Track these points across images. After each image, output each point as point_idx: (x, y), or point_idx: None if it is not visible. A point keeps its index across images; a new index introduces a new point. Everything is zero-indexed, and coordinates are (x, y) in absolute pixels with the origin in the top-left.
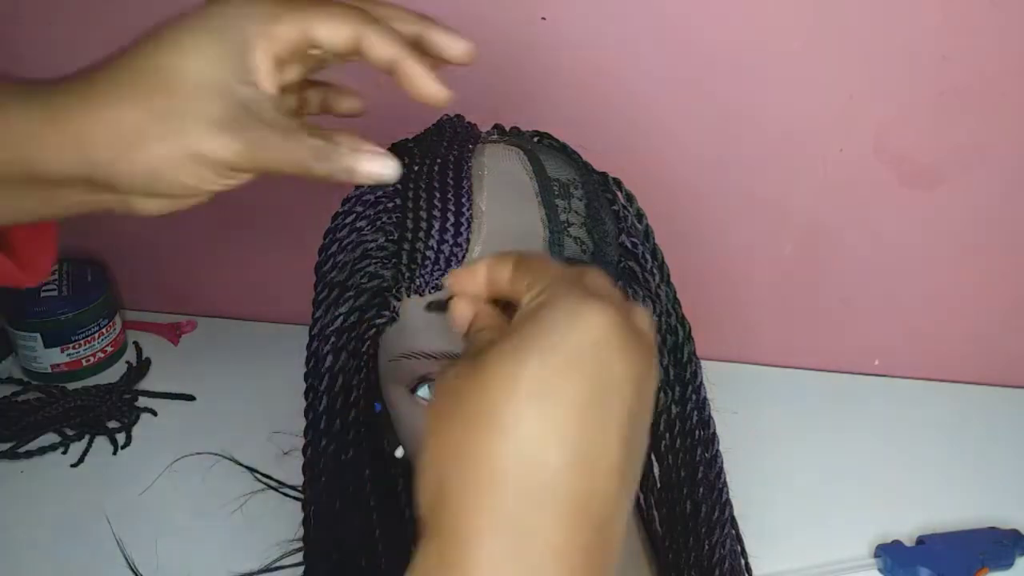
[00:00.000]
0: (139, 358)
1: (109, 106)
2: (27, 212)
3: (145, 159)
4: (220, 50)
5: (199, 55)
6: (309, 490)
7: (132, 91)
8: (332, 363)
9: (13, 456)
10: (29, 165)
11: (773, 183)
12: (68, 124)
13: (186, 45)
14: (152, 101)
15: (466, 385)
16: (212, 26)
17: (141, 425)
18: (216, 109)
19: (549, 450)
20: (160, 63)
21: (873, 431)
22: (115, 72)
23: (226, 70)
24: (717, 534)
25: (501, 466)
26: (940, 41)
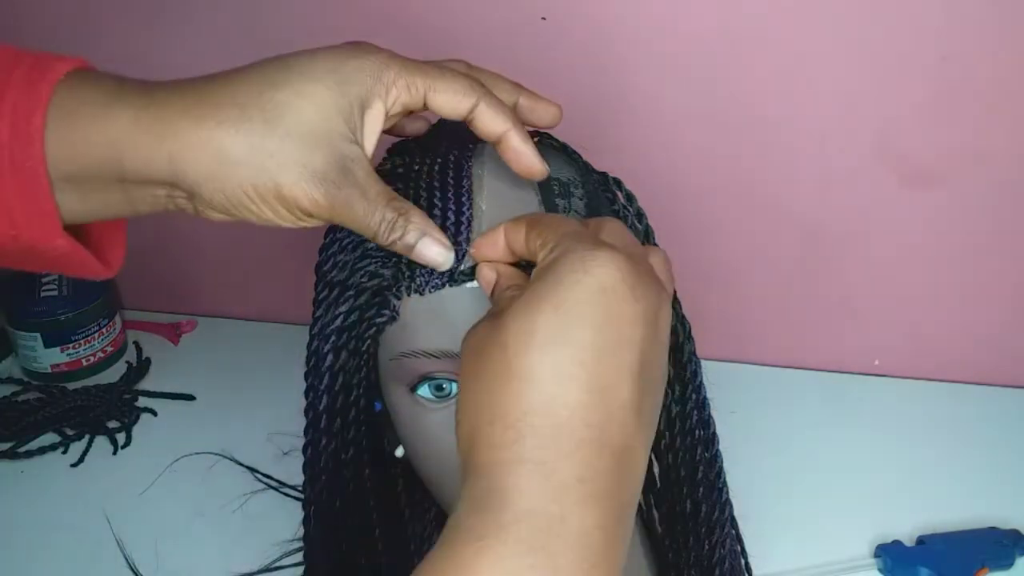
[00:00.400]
0: (139, 358)
1: (210, 128)
2: (112, 209)
3: (235, 188)
4: (338, 104)
5: (316, 104)
6: (309, 489)
7: (239, 120)
8: (332, 362)
9: (13, 456)
10: (121, 165)
11: (773, 183)
12: (164, 135)
13: (306, 91)
14: (259, 137)
15: (488, 342)
16: (337, 78)
17: (141, 425)
18: (318, 162)
19: (564, 391)
20: (277, 101)
21: (873, 431)
22: (224, 95)
23: (338, 125)
24: (717, 534)
25: (521, 409)
26: (940, 41)
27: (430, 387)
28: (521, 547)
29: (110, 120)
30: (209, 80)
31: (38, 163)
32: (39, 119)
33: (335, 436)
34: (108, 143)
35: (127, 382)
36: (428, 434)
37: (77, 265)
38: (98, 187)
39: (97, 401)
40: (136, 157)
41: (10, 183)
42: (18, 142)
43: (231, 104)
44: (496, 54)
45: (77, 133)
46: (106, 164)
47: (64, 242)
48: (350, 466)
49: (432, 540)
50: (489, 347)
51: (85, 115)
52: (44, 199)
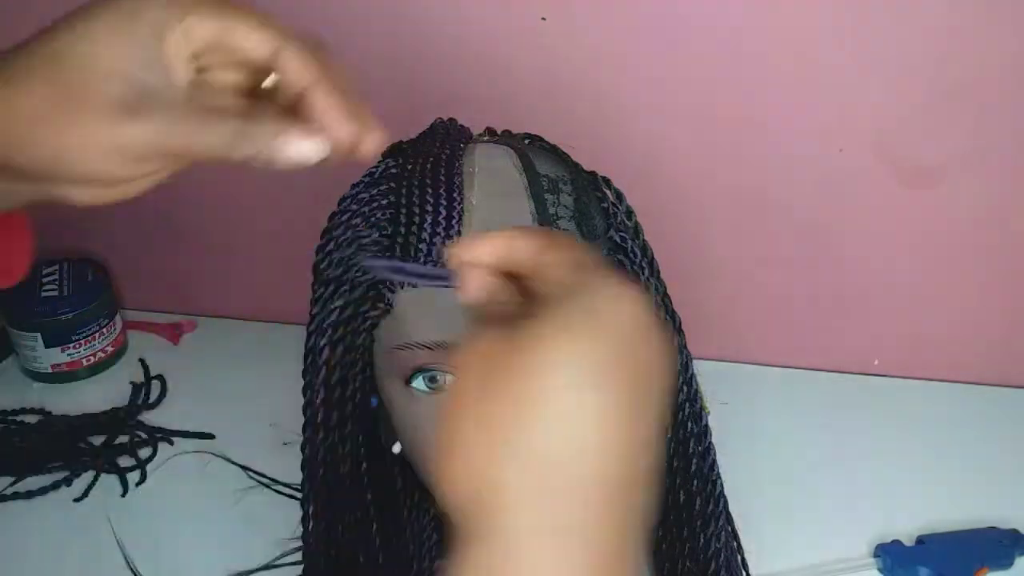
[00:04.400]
0: (146, 376)
1: (11, 91)
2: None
3: (46, 143)
4: (129, 39)
5: (107, 43)
6: (308, 487)
7: (36, 76)
8: (329, 356)
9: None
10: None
11: (773, 183)
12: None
13: (95, 33)
14: (54, 86)
15: (507, 363)
16: (123, 16)
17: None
18: (118, 93)
19: (598, 439)
20: (67, 49)
21: (873, 431)
22: (20, 58)
23: (133, 58)
24: (712, 527)
25: (558, 460)
26: (940, 41)
27: (424, 379)
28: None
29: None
30: (19, 46)
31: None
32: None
33: (333, 430)
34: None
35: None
36: (423, 426)
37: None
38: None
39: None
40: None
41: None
42: None
43: (28, 66)
44: (496, 54)
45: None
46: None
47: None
48: (347, 461)
49: (431, 541)
50: (508, 367)
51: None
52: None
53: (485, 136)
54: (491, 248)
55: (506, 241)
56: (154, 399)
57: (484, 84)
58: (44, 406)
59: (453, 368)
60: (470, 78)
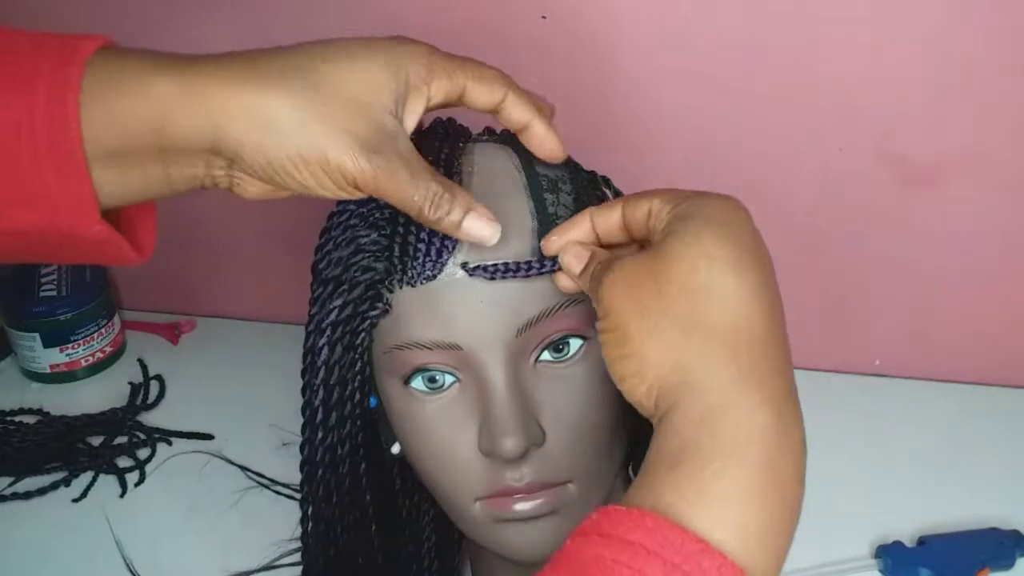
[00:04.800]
0: (145, 376)
1: (256, 94)
2: (150, 188)
3: (278, 154)
4: (384, 82)
5: (365, 79)
6: (306, 487)
7: (287, 88)
8: (328, 356)
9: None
10: (163, 133)
11: (773, 183)
12: (208, 100)
13: (357, 67)
14: (306, 104)
15: (661, 272)
16: (388, 59)
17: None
18: (362, 129)
19: (758, 307)
20: (325, 72)
21: (873, 431)
22: (272, 66)
23: (383, 99)
24: None
25: (732, 325)
26: (940, 41)
27: (423, 379)
28: (758, 468)
29: (152, 88)
30: (258, 52)
31: (75, 145)
32: (73, 101)
33: (331, 431)
34: (150, 110)
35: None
36: (422, 426)
37: (112, 252)
38: (138, 161)
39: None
40: (179, 123)
41: (48, 168)
42: (55, 125)
43: (280, 74)
44: (496, 53)
45: (117, 103)
46: (148, 133)
47: (101, 227)
48: (346, 462)
49: (430, 542)
50: (665, 276)
51: (125, 85)
52: (82, 183)
53: (484, 135)
54: (578, 228)
55: (591, 220)
56: (153, 399)
57: None
58: (43, 406)
59: (604, 290)
60: None
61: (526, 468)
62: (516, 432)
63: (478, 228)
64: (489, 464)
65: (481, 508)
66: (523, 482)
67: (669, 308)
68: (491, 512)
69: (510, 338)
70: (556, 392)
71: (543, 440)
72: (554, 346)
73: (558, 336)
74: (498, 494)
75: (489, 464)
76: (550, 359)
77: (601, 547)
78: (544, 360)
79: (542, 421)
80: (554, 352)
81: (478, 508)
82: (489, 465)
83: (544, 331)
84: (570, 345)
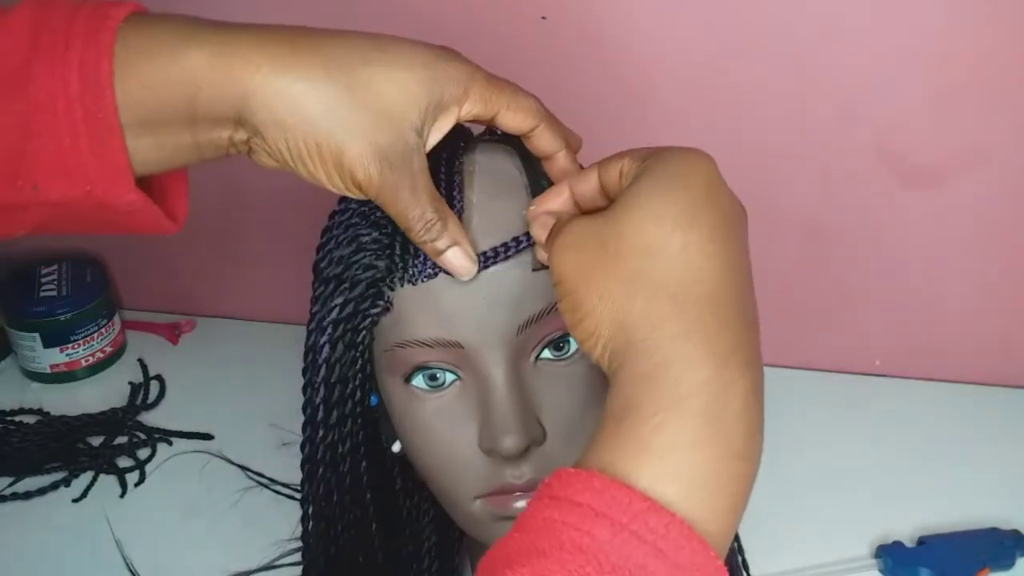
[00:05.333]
0: (145, 376)
1: (291, 80)
2: (181, 155)
3: (299, 142)
4: (420, 97)
5: (402, 91)
6: (307, 486)
7: (324, 81)
8: (329, 354)
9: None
10: (195, 102)
11: (773, 183)
12: (242, 75)
13: (395, 78)
14: (338, 103)
15: (612, 231)
16: (429, 74)
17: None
18: (384, 140)
19: (709, 265)
20: (365, 76)
21: (873, 431)
22: (313, 54)
23: (412, 115)
24: None
25: (678, 282)
26: (940, 41)
27: (424, 377)
28: (700, 419)
29: (186, 57)
30: (297, 31)
31: (110, 113)
32: (107, 67)
33: (332, 428)
34: (184, 79)
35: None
36: (423, 424)
37: (146, 220)
38: (170, 130)
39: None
40: (210, 95)
41: (84, 137)
42: (89, 94)
43: (320, 65)
44: (496, 54)
45: (151, 75)
46: (180, 102)
47: (136, 196)
48: (347, 460)
49: (430, 542)
50: (616, 235)
51: (160, 53)
52: (117, 151)
53: (486, 135)
54: (559, 197)
55: (568, 189)
56: (153, 399)
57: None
58: (43, 406)
59: (556, 250)
60: None
61: (526, 466)
62: (517, 430)
63: (457, 259)
64: (489, 462)
65: (481, 506)
66: (523, 480)
67: (616, 268)
68: (491, 510)
69: (511, 336)
70: (557, 390)
71: (543, 438)
72: (555, 344)
73: (559, 334)
74: (498, 492)
75: (489, 462)
76: (551, 357)
77: (551, 509)
78: (545, 358)
79: (543, 419)
80: (555, 350)
81: (478, 506)
82: (489, 463)
83: (545, 329)
84: (571, 343)
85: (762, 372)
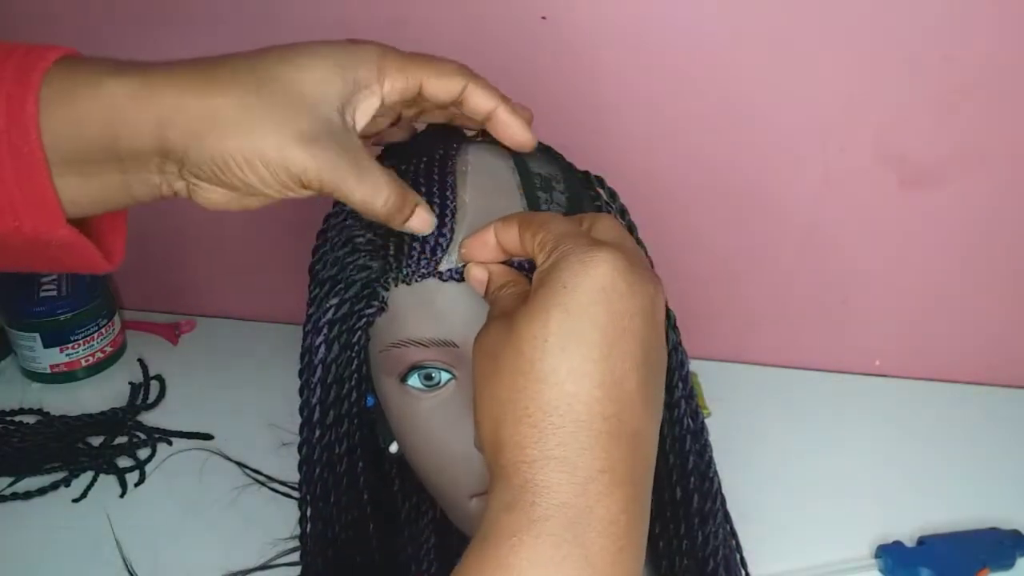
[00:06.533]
0: (145, 377)
1: (199, 93)
2: (112, 196)
3: (220, 150)
4: (334, 80)
5: (313, 78)
6: (304, 487)
7: (231, 83)
8: (325, 354)
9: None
10: (116, 140)
11: (773, 183)
12: (153, 102)
13: (305, 65)
14: (250, 98)
15: (502, 345)
16: (337, 60)
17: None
18: (304, 124)
19: (580, 388)
20: (274, 72)
21: (873, 431)
22: (216, 67)
23: (331, 98)
24: (710, 524)
25: (542, 409)
26: (940, 41)
27: (419, 377)
28: (553, 539)
29: (105, 95)
30: (210, 58)
31: (35, 148)
32: (32, 105)
33: (329, 429)
34: (104, 118)
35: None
36: (419, 424)
37: (79, 257)
38: (96, 168)
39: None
40: (128, 125)
41: (10, 171)
42: (15, 129)
43: (230, 75)
44: (496, 54)
45: (74, 111)
46: (102, 137)
47: (66, 232)
48: (344, 460)
49: (428, 544)
50: (504, 350)
51: (81, 93)
52: (44, 186)
53: (479, 136)
54: (484, 244)
55: (494, 234)
56: (153, 399)
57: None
58: (43, 406)
59: (472, 353)
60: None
61: None
62: None
63: (419, 222)
64: (484, 460)
65: (477, 504)
66: None
67: (498, 386)
68: None
69: None
70: None
71: None
72: None
73: None
74: None
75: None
76: None
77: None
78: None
79: None
80: None
81: (475, 504)
82: (484, 461)
83: None
84: None
85: (641, 490)
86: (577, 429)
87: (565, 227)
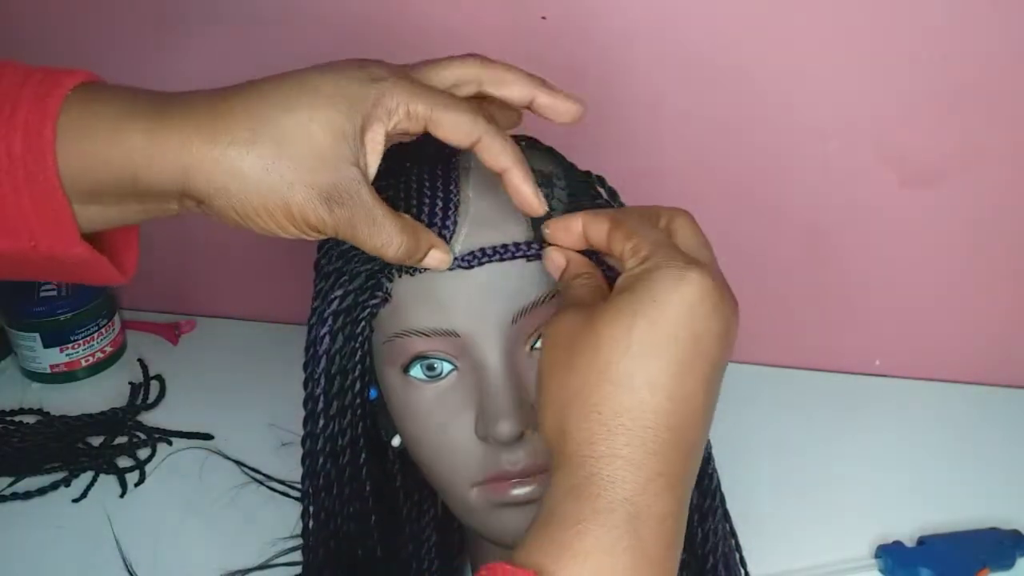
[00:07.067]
0: (145, 377)
1: (223, 147)
2: (129, 219)
3: (244, 205)
4: (344, 128)
5: (326, 130)
6: (307, 482)
7: (252, 142)
8: (329, 345)
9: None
10: (135, 181)
11: (773, 183)
12: (178, 152)
13: (317, 116)
14: (271, 159)
15: (580, 340)
16: (346, 101)
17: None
18: (324, 183)
19: (653, 398)
20: (288, 125)
21: (873, 431)
22: (238, 115)
23: (344, 149)
24: (709, 521)
25: (614, 410)
26: (940, 41)
27: (422, 367)
28: (617, 531)
29: (123, 137)
30: (221, 96)
31: (51, 175)
32: (49, 132)
33: (332, 420)
34: (122, 160)
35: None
36: (420, 413)
37: (94, 272)
38: (115, 200)
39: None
40: (150, 173)
41: (27, 195)
42: (31, 155)
43: (244, 126)
44: (496, 54)
45: (91, 150)
46: (121, 180)
47: (82, 250)
48: (347, 452)
49: (430, 542)
50: (580, 345)
51: (98, 131)
52: (60, 209)
53: None
54: (568, 231)
55: (582, 225)
56: (153, 399)
57: None
58: (43, 406)
59: (543, 336)
60: None
61: (521, 452)
62: (512, 416)
63: (434, 261)
64: (485, 449)
65: (478, 494)
66: (519, 466)
67: (568, 378)
68: (488, 498)
69: (506, 324)
70: None
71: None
72: None
73: None
74: (494, 479)
75: (485, 449)
76: None
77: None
78: (539, 347)
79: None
80: None
81: (475, 494)
82: (485, 450)
83: (539, 318)
84: None
85: (687, 493)
86: (645, 434)
87: (658, 235)
